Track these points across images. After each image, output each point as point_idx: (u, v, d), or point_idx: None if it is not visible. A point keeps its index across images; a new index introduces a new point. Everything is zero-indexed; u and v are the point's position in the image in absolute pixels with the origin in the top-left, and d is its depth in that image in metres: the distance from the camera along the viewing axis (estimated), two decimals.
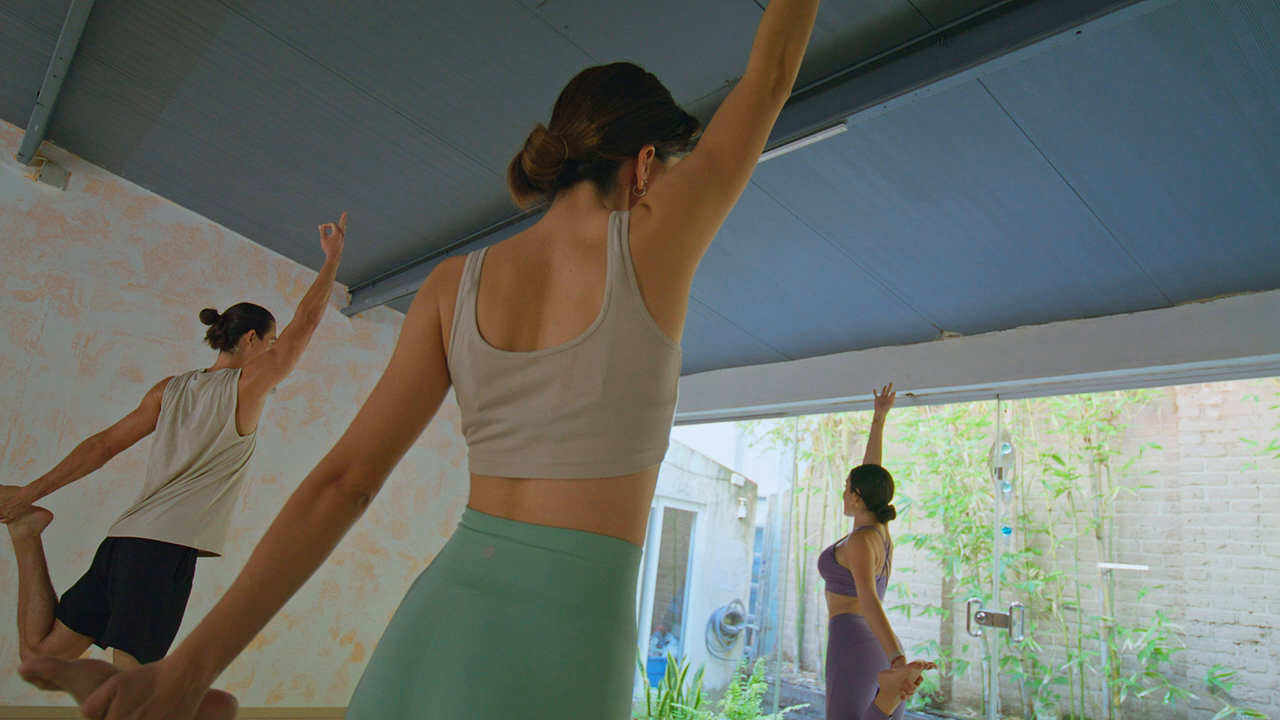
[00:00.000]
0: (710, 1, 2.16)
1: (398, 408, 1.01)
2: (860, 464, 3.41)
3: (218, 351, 2.79)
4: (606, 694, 0.82)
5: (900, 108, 2.25)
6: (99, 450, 2.60)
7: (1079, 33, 1.81)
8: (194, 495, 2.46)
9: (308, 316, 2.60)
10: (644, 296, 0.93)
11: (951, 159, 2.56)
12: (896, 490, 6.71)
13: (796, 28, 1.06)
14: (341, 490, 0.96)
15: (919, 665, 2.69)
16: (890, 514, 3.24)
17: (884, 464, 3.45)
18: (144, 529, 2.39)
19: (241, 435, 2.57)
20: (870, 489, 3.23)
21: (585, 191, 1.07)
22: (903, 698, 2.71)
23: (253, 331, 2.77)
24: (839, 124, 2.27)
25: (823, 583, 3.29)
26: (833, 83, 2.31)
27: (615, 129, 1.07)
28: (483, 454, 0.99)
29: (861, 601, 2.93)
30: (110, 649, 2.31)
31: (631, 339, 0.93)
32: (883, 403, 3.60)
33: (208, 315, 2.76)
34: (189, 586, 2.46)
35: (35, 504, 2.53)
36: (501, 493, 0.95)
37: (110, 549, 2.43)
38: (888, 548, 3.25)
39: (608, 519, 0.91)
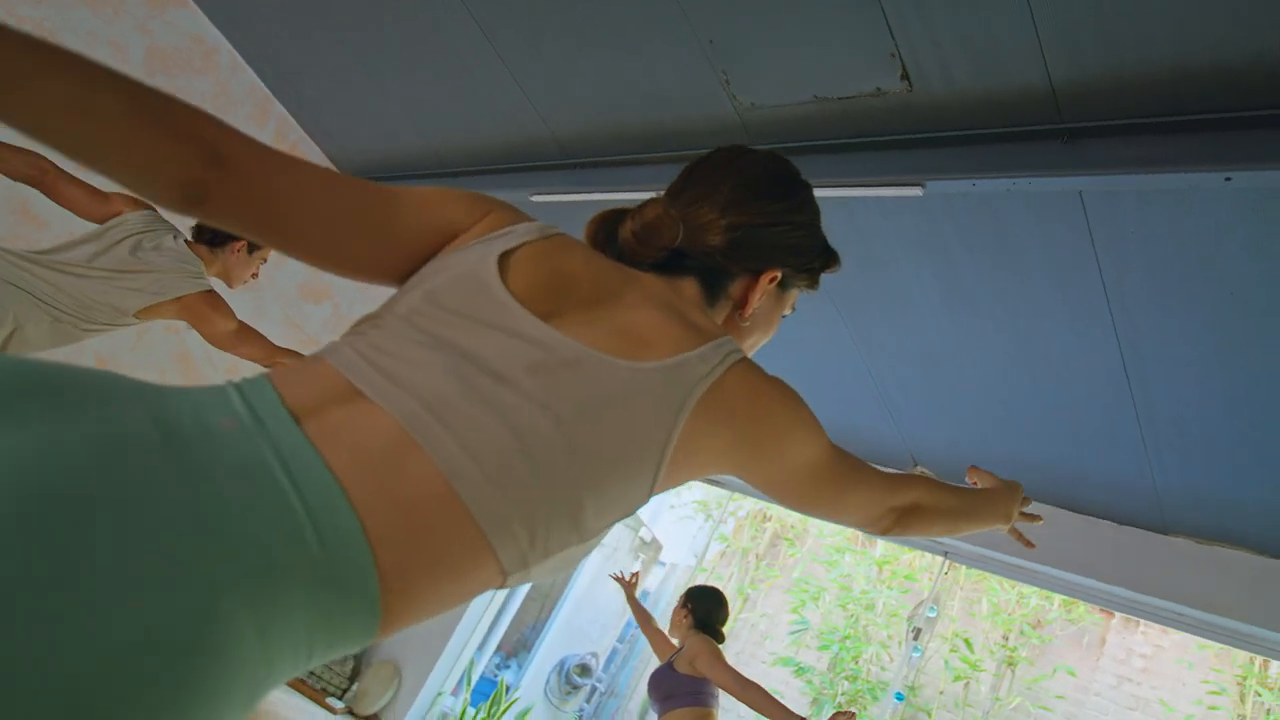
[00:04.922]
0: (830, 9, 1.88)
1: (352, 200, 0.73)
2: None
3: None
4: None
5: (984, 194, 1.97)
6: (38, 170, 2.13)
7: (1228, 179, 1.53)
8: (53, 296, 2.04)
9: (261, 355, 2.28)
10: (692, 413, 0.71)
11: (1012, 276, 2.28)
12: (799, 612, 6.42)
13: (929, 526, 0.99)
14: (214, 163, 0.63)
15: (843, 715, 2.52)
16: (719, 640, 3.03)
17: (776, 591, 3.27)
18: None
19: (130, 315, 2.18)
20: (705, 610, 3.05)
21: (690, 288, 0.88)
22: None
23: (246, 243, 2.42)
24: (916, 185, 1.98)
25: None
26: (927, 142, 2.03)
27: (749, 237, 0.87)
28: (353, 344, 0.66)
29: (734, 683, 2.72)
30: None
31: (643, 416, 0.69)
32: (625, 584, 3.50)
33: None
34: None
35: None
36: (323, 390, 0.61)
37: None
38: None
39: (402, 547, 0.56)
